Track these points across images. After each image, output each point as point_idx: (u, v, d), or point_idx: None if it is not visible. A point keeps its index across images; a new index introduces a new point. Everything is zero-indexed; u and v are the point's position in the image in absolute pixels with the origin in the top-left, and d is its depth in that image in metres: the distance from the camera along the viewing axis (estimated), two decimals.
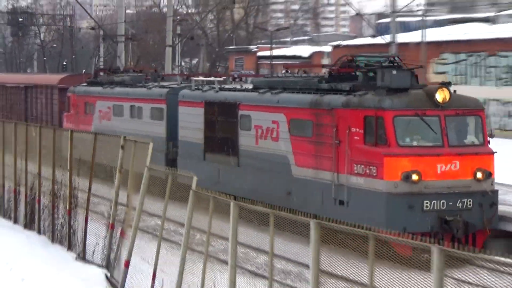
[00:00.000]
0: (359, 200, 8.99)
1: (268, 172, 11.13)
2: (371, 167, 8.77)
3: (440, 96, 8.82)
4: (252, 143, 11.54)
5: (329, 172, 9.52)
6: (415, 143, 8.94)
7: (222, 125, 12.48)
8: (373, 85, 9.68)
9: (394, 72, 9.38)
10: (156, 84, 15.19)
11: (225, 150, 12.36)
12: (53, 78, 23.01)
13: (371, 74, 10.13)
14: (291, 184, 10.52)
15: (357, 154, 9.03)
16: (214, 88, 12.93)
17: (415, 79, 10.01)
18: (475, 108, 9.66)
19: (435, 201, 8.52)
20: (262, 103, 11.41)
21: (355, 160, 9.04)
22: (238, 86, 13.47)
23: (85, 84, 18.29)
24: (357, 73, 10.68)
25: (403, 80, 9.27)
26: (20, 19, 52.64)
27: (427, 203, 8.50)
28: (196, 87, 13.65)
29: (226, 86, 13.53)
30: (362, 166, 8.94)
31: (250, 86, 13.00)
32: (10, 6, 58.69)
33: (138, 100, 14.80)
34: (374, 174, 8.69)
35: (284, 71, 14.73)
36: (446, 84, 9.55)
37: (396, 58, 10.65)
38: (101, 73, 19.24)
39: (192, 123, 13.11)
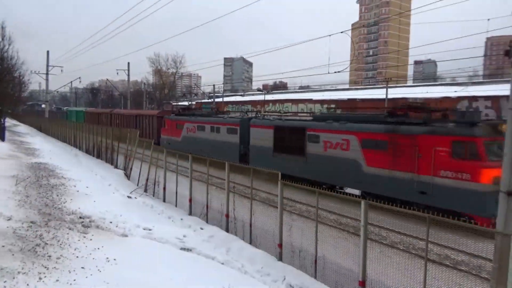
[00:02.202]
0: (444, 193, 12.33)
1: (336, 167, 16.19)
2: (463, 174, 11.92)
3: (502, 128, 11.48)
4: (319, 150, 17.06)
5: (408, 173, 13.36)
6: (495, 159, 11.40)
7: (290, 139, 18.71)
8: (442, 120, 13.83)
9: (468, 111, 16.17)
10: (226, 116, 27.49)
11: (293, 152, 18.39)
12: (153, 112, 40.25)
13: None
14: (361, 177, 15.10)
15: (444, 164, 12.42)
16: (280, 119, 21.10)
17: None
18: None
19: None
20: (331, 128, 16.71)
21: (441, 167, 12.47)
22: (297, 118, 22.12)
23: (173, 114, 32.05)
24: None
25: (475, 117, 12.92)
26: None
27: None
28: (262, 117, 22.57)
29: (288, 118, 22.02)
30: (451, 172, 12.20)
31: (310, 118, 20.04)
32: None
33: (217, 123, 24.64)
34: (469, 179, 11.79)
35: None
36: (502, 120, 13.29)
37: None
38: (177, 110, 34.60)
39: (262, 137, 20.41)
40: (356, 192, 15.47)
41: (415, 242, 10.55)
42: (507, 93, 6.04)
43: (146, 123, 36.33)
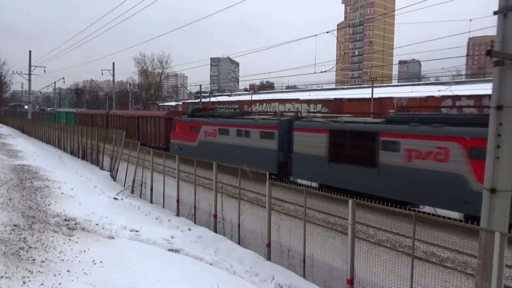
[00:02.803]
0: None
1: (425, 182, 12.83)
2: None
3: None
4: (399, 161, 13.66)
5: None
6: None
7: (354, 146, 15.27)
8: None
9: None
10: (256, 117, 21.93)
11: (358, 163, 15.03)
12: (160, 113, 35.11)
13: None
14: (467, 196, 11.64)
15: None
16: (337, 121, 16.81)
17: None
18: None
19: None
20: (418, 133, 13.28)
21: None
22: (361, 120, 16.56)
23: (185, 116, 27.76)
24: None
25: None
26: None
27: None
28: (310, 120, 18.07)
29: (351, 120, 16.92)
30: None
31: (381, 120, 15.92)
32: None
33: (246, 126, 20.79)
34: None
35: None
36: None
37: None
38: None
39: (310, 143, 16.98)
40: (455, 215, 12.28)
41: (402, 240, 10.68)
42: (489, 92, 6.16)
43: (151, 126, 31.90)
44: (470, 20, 36.81)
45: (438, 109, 30.41)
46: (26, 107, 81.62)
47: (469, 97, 35.13)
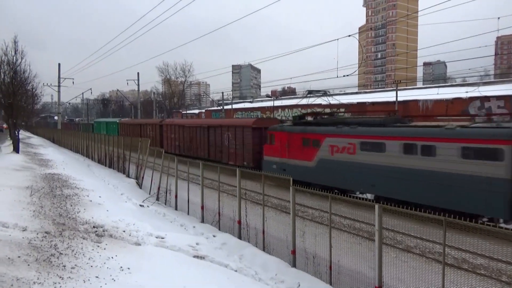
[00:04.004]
0: None
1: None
2: None
3: None
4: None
5: None
6: None
7: None
8: None
9: None
10: (451, 125, 13.59)
11: None
12: (243, 121, 26.42)
13: None
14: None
15: None
16: None
17: None
18: None
19: None
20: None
21: None
22: None
23: (289, 124, 20.64)
24: None
25: None
26: None
27: None
28: None
29: None
30: None
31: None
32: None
33: (426, 138, 13.49)
34: None
35: None
36: None
37: None
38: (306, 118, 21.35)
39: None
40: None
41: (431, 246, 10.36)
42: None
43: (230, 139, 24.98)
44: (499, 18, 35.71)
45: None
46: (56, 118, 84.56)
47: (499, 97, 33.95)
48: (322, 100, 32.21)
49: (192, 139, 28.99)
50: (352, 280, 7.80)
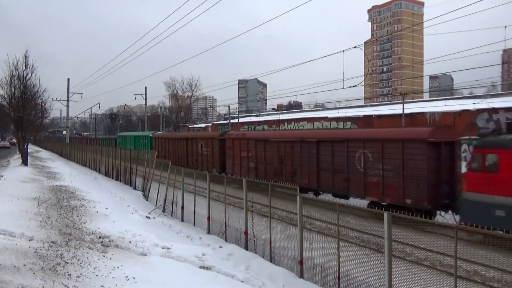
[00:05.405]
0: None
1: None
2: None
3: None
4: None
5: None
6: None
7: None
8: None
9: None
10: None
11: None
12: (421, 131, 14.00)
13: None
14: None
15: None
16: None
17: None
18: None
19: None
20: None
21: None
22: None
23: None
24: None
25: None
26: None
27: None
28: None
29: None
30: None
31: None
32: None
33: None
34: None
35: None
36: None
37: None
38: None
39: None
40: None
41: (442, 258, 10.14)
42: None
43: (335, 157, 16.53)
44: (505, 27, 35.72)
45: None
46: (64, 132, 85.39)
47: (507, 109, 33.70)
48: (330, 112, 31.99)
49: (283, 159, 19.80)
50: None
